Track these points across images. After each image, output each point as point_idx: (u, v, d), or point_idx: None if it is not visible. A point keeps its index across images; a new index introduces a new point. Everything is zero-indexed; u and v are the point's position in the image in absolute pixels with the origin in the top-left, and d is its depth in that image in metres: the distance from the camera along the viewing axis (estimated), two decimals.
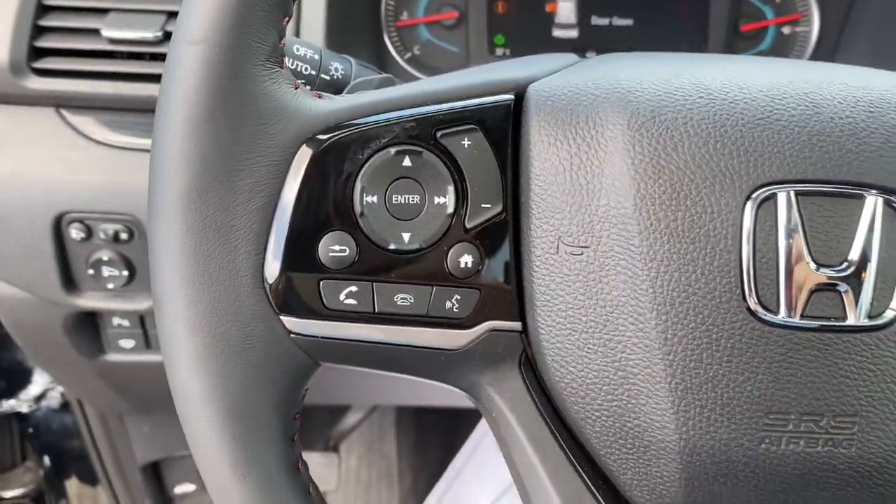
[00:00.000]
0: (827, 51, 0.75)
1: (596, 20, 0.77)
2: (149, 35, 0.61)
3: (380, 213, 0.35)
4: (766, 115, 0.34)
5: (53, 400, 1.00)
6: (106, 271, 0.64)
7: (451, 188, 0.35)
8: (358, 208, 0.34)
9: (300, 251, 0.34)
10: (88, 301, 0.66)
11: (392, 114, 0.35)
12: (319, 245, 0.34)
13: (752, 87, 0.35)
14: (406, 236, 0.35)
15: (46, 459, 1.08)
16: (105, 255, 0.63)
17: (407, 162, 0.35)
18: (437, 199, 0.35)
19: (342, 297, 0.35)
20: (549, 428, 0.37)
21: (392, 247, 0.35)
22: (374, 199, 0.35)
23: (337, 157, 0.34)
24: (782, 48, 0.77)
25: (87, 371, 0.75)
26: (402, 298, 0.35)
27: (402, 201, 0.35)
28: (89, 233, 0.62)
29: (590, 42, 0.77)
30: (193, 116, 0.32)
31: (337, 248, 0.34)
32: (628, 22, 0.77)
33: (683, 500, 0.36)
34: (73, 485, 1.12)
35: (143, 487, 1.08)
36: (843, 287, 0.33)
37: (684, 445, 0.34)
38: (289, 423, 0.36)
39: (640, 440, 0.35)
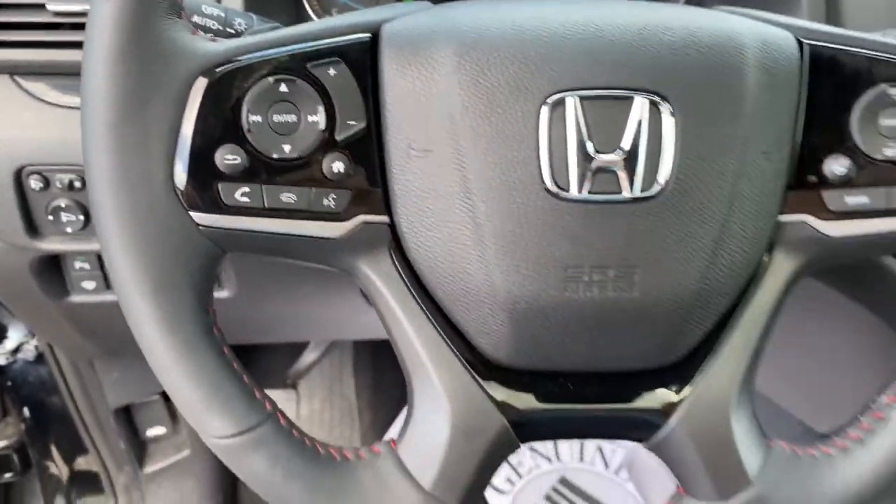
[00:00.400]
0: None
1: None
2: (88, 7, 0.69)
3: (263, 129, 0.44)
4: (559, 40, 0.44)
5: (29, 353, 1.08)
6: (64, 217, 0.73)
7: (321, 108, 0.45)
8: (245, 125, 0.44)
9: (201, 161, 0.43)
10: (50, 244, 0.75)
11: (271, 51, 0.44)
12: (216, 155, 0.43)
13: (552, 20, 0.45)
14: (286, 148, 0.44)
15: (26, 411, 1.18)
16: (62, 203, 0.72)
17: (284, 88, 0.44)
18: (310, 118, 0.45)
19: (237, 195, 0.44)
20: (413, 296, 0.47)
21: (275, 156, 0.44)
22: (259, 118, 0.44)
23: (227, 85, 0.43)
24: None
25: (54, 313, 0.84)
26: (287, 197, 0.45)
27: (282, 120, 0.44)
28: (47, 183, 0.71)
29: None
30: (111, 59, 0.41)
31: (230, 157, 0.44)
32: None
33: (514, 343, 0.46)
34: (53, 433, 1.21)
35: (116, 431, 1.18)
36: (618, 168, 0.43)
37: (507, 298, 0.44)
38: (203, 296, 0.45)
39: (477, 297, 0.45)
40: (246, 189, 0.44)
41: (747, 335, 0.47)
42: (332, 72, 0.45)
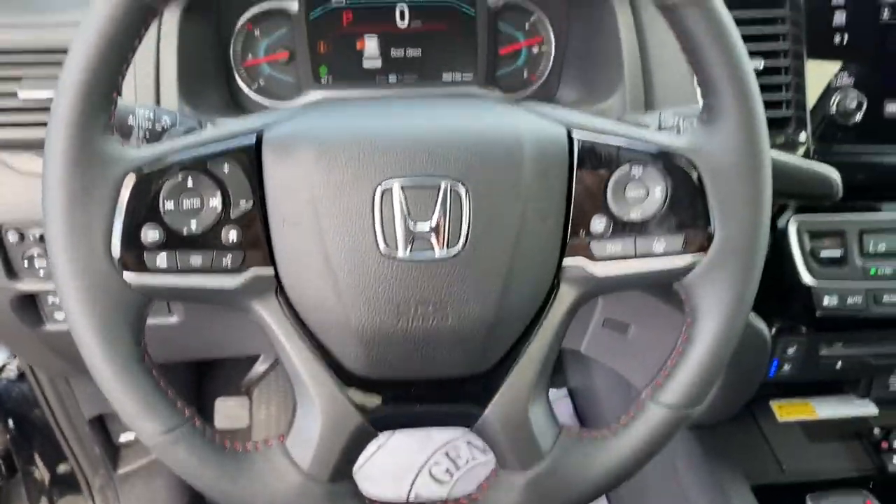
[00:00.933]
0: (559, 63, 1.03)
1: (394, 52, 1.03)
2: (51, 94, 0.86)
3: (175, 213, 0.60)
4: (388, 142, 0.61)
5: (11, 372, 1.24)
6: (37, 262, 0.89)
7: (219, 194, 0.61)
8: (162, 210, 0.60)
9: (130, 238, 0.59)
10: (27, 285, 0.91)
11: (181, 154, 0.61)
12: (141, 232, 0.59)
13: (383, 126, 0.62)
14: (193, 224, 0.61)
15: (10, 423, 1.33)
16: (35, 251, 0.88)
17: (190, 183, 0.60)
18: (211, 202, 0.61)
19: (157, 261, 0.60)
20: (293, 327, 0.64)
21: (185, 232, 0.61)
22: (172, 204, 0.60)
23: (148, 181, 0.59)
24: (533, 63, 1.04)
25: (33, 339, 1.00)
26: (194, 260, 0.61)
27: (189, 205, 0.61)
28: (22, 236, 0.88)
29: (391, 69, 1.03)
30: (63, 166, 0.57)
31: (151, 234, 0.60)
32: (418, 52, 1.03)
33: (366, 360, 0.63)
34: (35, 442, 1.37)
35: (91, 438, 1.34)
36: (431, 235, 0.60)
37: (358, 328, 0.61)
38: (136, 333, 0.61)
39: (338, 327, 0.62)
40: (164, 255, 0.60)
41: (539, 348, 0.65)
42: (226, 168, 0.61)
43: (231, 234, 0.61)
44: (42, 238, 0.88)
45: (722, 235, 0.63)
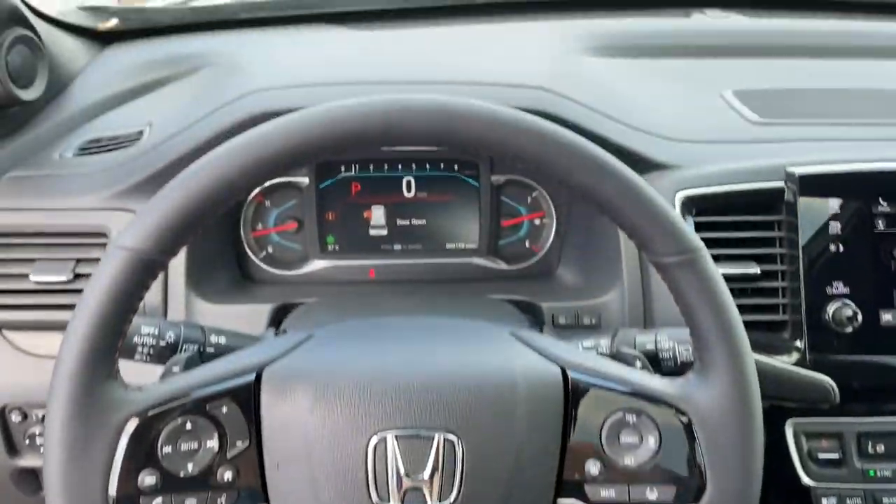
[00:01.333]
0: (560, 238, 1.05)
1: (400, 222, 1.06)
2: (63, 277, 0.88)
3: (173, 457, 0.61)
4: (386, 391, 0.62)
5: None
6: (38, 440, 0.90)
7: (216, 435, 0.62)
8: (160, 454, 0.61)
9: (127, 482, 0.60)
10: (27, 461, 0.92)
11: (180, 401, 0.62)
12: (139, 477, 0.60)
13: (382, 373, 0.63)
14: (190, 467, 0.61)
15: None
16: (37, 430, 0.90)
17: (189, 426, 0.61)
18: (209, 444, 0.62)
19: None
20: None
21: (182, 475, 0.61)
22: (170, 448, 0.61)
23: (149, 425, 0.60)
24: (535, 234, 1.06)
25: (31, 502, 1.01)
26: (189, 502, 0.62)
27: (186, 447, 0.61)
28: (25, 416, 0.89)
29: (396, 237, 1.05)
30: (66, 411, 0.58)
31: (148, 479, 0.60)
32: (422, 222, 1.06)
33: None
34: None
35: None
36: (423, 487, 0.61)
37: None
38: None
39: None
40: (159, 500, 0.61)
41: None
42: (224, 409, 0.62)
43: (226, 475, 0.62)
44: (44, 418, 0.89)
45: (713, 488, 0.63)
